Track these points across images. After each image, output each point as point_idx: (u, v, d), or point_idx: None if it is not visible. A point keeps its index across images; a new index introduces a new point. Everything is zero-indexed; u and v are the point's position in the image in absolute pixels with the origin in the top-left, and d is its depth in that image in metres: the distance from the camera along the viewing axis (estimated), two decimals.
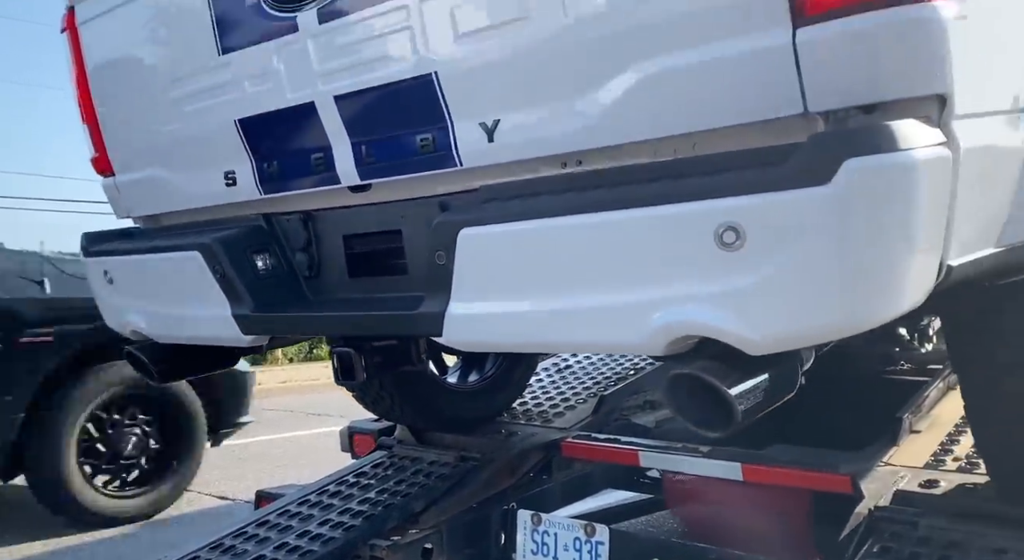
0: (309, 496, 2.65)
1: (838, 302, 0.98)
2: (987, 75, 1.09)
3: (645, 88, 1.13)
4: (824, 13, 0.98)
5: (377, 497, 2.56)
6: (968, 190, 1.03)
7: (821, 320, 1.00)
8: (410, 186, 1.49)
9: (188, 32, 1.66)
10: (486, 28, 1.27)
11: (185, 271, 1.71)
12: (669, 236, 1.05)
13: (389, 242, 1.58)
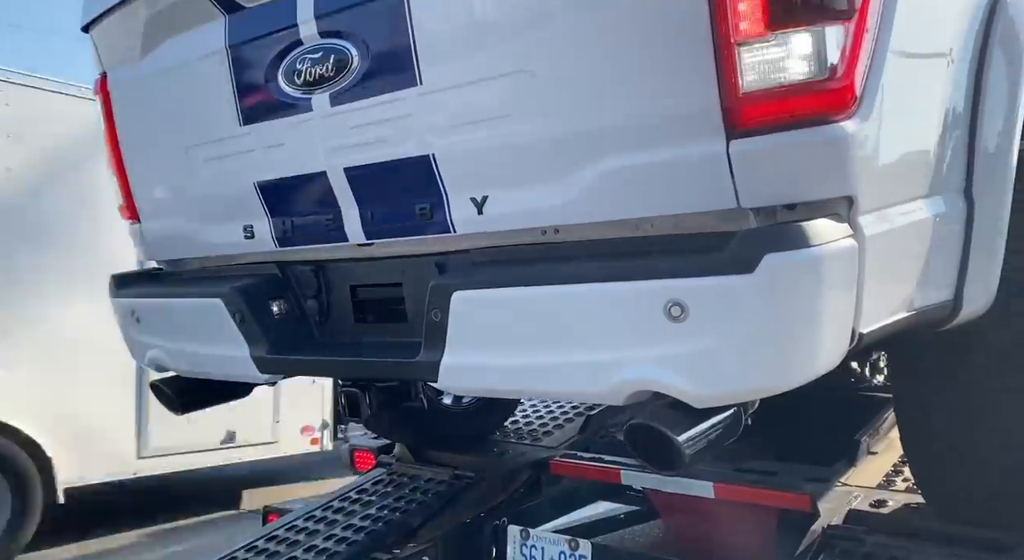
0: (315, 512, 2.86)
1: (764, 367, 1.19)
2: (888, 175, 1.30)
3: (608, 178, 1.33)
4: (751, 130, 1.18)
5: (378, 513, 2.76)
6: (874, 271, 1.23)
7: (750, 382, 1.22)
8: (410, 245, 1.69)
9: (212, 103, 1.85)
10: (477, 121, 1.47)
11: (207, 315, 1.91)
12: (627, 307, 1.26)
13: (391, 293, 1.78)
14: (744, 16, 1.16)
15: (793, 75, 1.17)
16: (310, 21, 1.63)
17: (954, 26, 1.50)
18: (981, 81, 1.54)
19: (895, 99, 1.27)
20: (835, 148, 1.18)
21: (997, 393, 1.64)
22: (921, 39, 1.39)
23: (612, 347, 1.29)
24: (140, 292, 2.19)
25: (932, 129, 1.43)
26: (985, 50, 1.55)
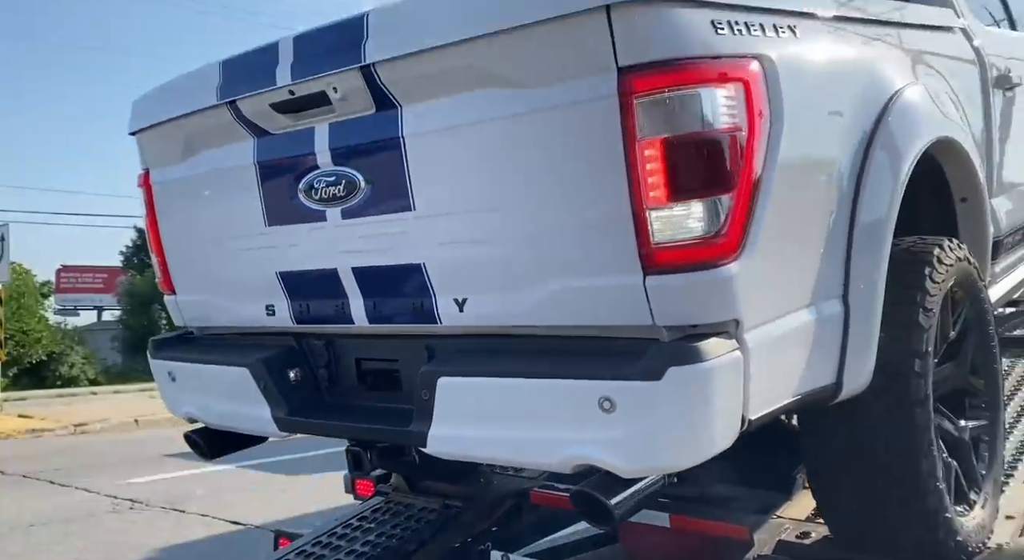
0: (321, 537, 3.23)
1: (673, 449, 1.58)
2: (769, 297, 1.68)
3: (556, 295, 1.71)
4: (661, 269, 1.57)
5: (376, 540, 3.13)
6: (759, 372, 1.61)
7: (663, 461, 1.60)
8: (405, 330, 2.08)
9: (242, 206, 2.23)
10: (458, 242, 1.85)
11: (236, 382, 2.29)
12: (571, 399, 1.64)
13: (389, 366, 2.16)
14: (653, 188, 1.55)
15: (690, 232, 1.56)
16: (325, 151, 2.01)
17: (834, 160, 1.89)
18: (857, 203, 1.93)
19: (775, 239, 1.66)
20: (722, 286, 1.57)
21: (879, 449, 2.03)
22: (801, 183, 1.77)
23: (560, 429, 1.67)
24: (175, 355, 2.57)
25: (812, 251, 1.82)
26: (862, 173, 1.95)
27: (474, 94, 1.76)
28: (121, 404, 15.27)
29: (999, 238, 2.89)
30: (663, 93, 1.53)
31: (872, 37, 2.27)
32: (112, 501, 6.87)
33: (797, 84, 1.76)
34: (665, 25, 1.55)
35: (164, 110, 2.38)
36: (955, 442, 2.31)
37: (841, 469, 2.14)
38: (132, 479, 7.84)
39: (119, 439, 11.32)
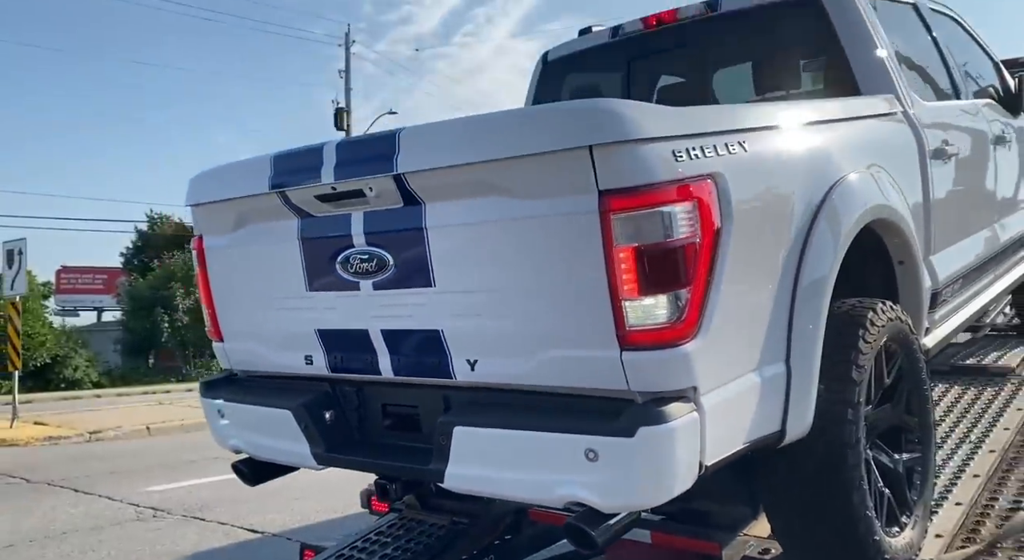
0: (343, 550, 3.63)
1: (643, 491, 1.98)
2: (721, 366, 2.08)
3: (549, 362, 2.11)
4: (634, 347, 1.97)
5: (393, 553, 3.54)
6: (713, 427, 2.02)
7: (635, 500, 2.01)
8: (425, 382, 2.47)
9: (286, 272, 2.62)
10: (469, 315, 2.25)
11: (279, 421, 2.68)
12: (562, 449, 2.04)
13: (411, 411, 2.56)
14: (626, 284, 1.95)
15: (656, 319, 1.96)
16: (360, 234, 2.41)
17: (780, 244, 2.31)
18: (799, 278, 2.34)
19: (726, 319, 2.06)
20: (682, 361, 1.97)
21: (817, 483, 2.44)
22: (748, 270, 2.18)
23: (554, 472, 2.07)
24: (223, 395, 2.96)
25: (758, 323, 2.23)
26: (804, 251, 2.37)
27: (486, 199, 2.16)
28: (130, 411, 15.61)
29: (937, 290, 3.31)
30: (634, 212, 1.94)
31: (819, 134, 2.69)
32: (135, 509, 7.25)
33: (746, 190, 2.17)
34: (635, 158, 1.95)
35: (219, 191, 2.80)
36: (890, 472, 2.73)
37: (787, 499, 2.56)
38: (151, 487, 8.23)
39: (133, 447, 11.65)
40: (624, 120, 1.95)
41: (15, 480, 9.05)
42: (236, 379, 3.06)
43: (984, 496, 3.11)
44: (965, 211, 3.82)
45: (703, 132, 2.12)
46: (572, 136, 1.97)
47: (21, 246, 12.55)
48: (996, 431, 3.66)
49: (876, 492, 2.58)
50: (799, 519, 2.55)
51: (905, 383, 2.82)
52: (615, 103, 2.04)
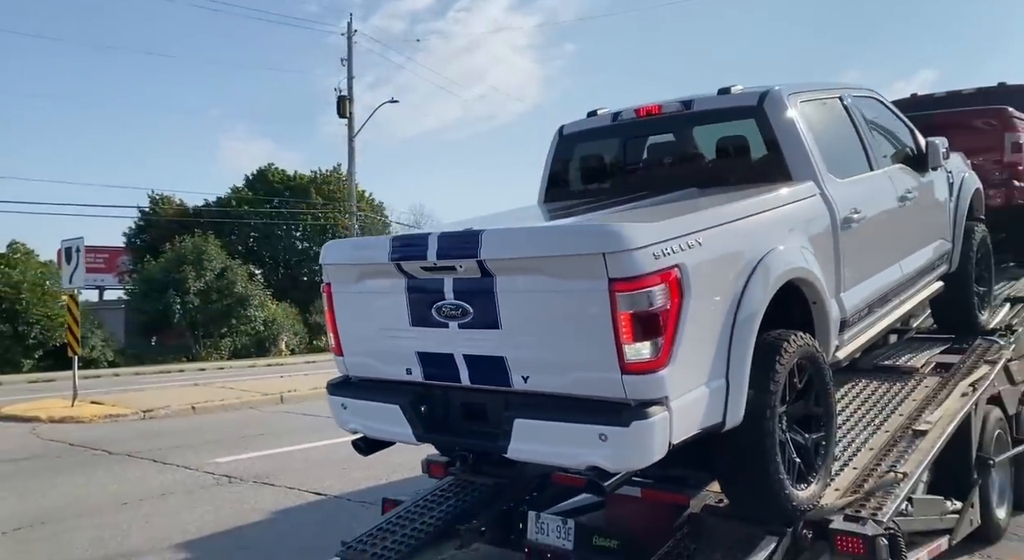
0: (418, 502, 4.96)
1: (634, 459, 3.23)
2: (683, 381, 3.27)
3: (575, 379, 3.33)
4: (630, 373, 3.18)
5: (456, 503, 4.86)
6: (678, 419, 3.25)
7: (629, 464, 3.27)
8: (491, 388, 3.71)
9: (394, 314, 3.83)
10: (522, 347, 3.48)
11: (391, 412, 3.92)
12: (583, 433, 3.26)
13: (482, 408, 3.78)
14: (624, 335, 3.16)
15: (643, 357, 3.17)
16: (450, 291, 3.63)
17: (723, 300, 3.53)
18: (736, 321, 3.56)
19: (686, 353, 3.28)
20: (658, 381, 3.21)
21: (746, 456, 3.71)
22: (701, 320, 3.40)
23: (579, 447, 3.30)
24: (345, 393, 4.19)
25: (707, 353, 3.45)
26: (740, 302, 3.57)
27: (536, 276, 3.40)
28: (172, 391, 16.81)
29: (845, 318, 4.56)
30: (630, 291, 3.19)
31: (754, 219, 3.94)
32: (212, 476, 8.48)
33: (701, 270, 3.42)
34: (630, 259, 3.17)
35: (349, 256, 4.07)
36: (801, 447, 4.00)
37: (728, 466, 3.86)
38: (217, 459, 9.40)
39: (184, 424, 12.76)
40: (623, 238, 3.20)
41: (99, 452, 10.19)
42: (352, 382, 4.30)
43: (872, 463, 4.43)
44: (870, 258, 4.91)
45: (672, 237, 3.35)
46: (592, 246, 3.24)
47: (78, 244, 13.78)
48: (893, 417, 4.98)
49: (790, 460, 3.87)
50: (735, 480, 3.88)
51: (814, 386, 4.09)
52: (620, 226, 3.29)
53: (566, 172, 5.49)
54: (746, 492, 3.87)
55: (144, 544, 6.18)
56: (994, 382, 5.70)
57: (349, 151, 36.49)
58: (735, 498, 4.01)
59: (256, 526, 6.65)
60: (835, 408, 4.29)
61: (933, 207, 6.03)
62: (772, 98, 4.53)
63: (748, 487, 3.82)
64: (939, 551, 4.73)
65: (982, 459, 5.43)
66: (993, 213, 7.90)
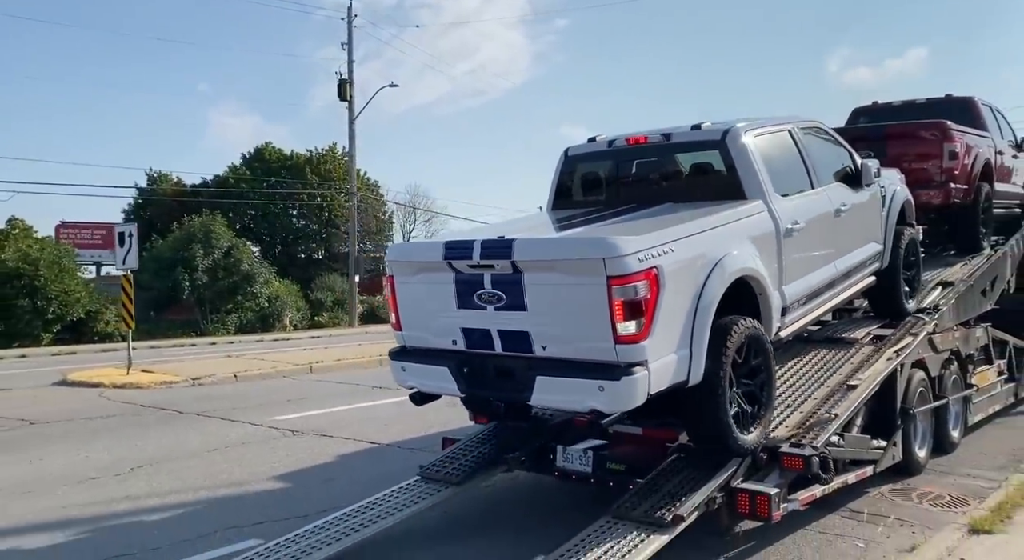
0: (472, 439, 6.40)
1: (623, 403, 4.32)
2: (658, 349, 4.27)
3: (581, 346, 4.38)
4: (622, 344, 4.19)
5: (500, 442, 6.25)
6: (655, 375, 4.24)
7: (620, 407, 4.49)
8: (518, 355, 4.79)
9: (444, 300, 4.78)
10: (543, 325, 4.62)
11: (440, 372, 4.94)
12: (587, 385, 4.28)
13: (511, 369, 4.68)
14: (617, 315, 4.13)
15: (630, 331, 4.14)
16: (489, 282, 4.54)
17: (689, 289, 4.53)
18: (698, 305, 4.55)
19: (661, 329, 4.25)
20: (640, 349, 4.17)
21: (704, 406, 4.84)
22: (673, 305, 4.34)
23: (584, 396, 4.30)
24: (404, 358, 5.23)
25: (676, 329, 4.41)
26: (702, 292, 4.59)
27: (553, 273, 4.34)
28: (207, 362, 18.00)
29: (786, 305, 5.59)
30: (622, 285, 4.12)
31: (716, 230, 4.92)
32: (277, 431, 9.62)
33: (673, 270, 4.35)
34: (622, 263, 4.10)
35: (408, 256, 5.16)
36: (747, 403, 5.00)
37: (691, 414, 5.00)
38: (275, 417, 10.54)
39: (231, 390, 13.85)
40: (618, 247, 4.20)
41: (170, 412, 11.29)
42: (408, 350, 5.30)
43: (814, 409, 5.94)
44: (807, 259, 5.98)
45: (652, 246, 4.33)
46: (596, 252, 4.24)
47: (131, 229, 15.13)
48: (834, 376, 6.47)
49: (737, 412, 4.91)
50: (695, 425, 5.04)
51: (759, 358, 5.14)
52: (616, 238, 4.26)
53: (570, 185, 6.59)
54: (703, 434, 5.04)
55: (247, 477, 7.42)
56: (917, 350, 7.16)
57: (350, 134, 37.11)
58: (696, 438, 5.19)
59: (330, 465, 7.75)
60: (775, 374, 5.40)
61: (866, 216, 7.09)
62: (732, 134, 5.65)
63: (705, 430, 4.98)
64: (864, 476, 6.20)
65: (905, 409, 6.92)
66: (936, 209, 9.46)
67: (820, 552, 5.18)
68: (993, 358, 9.92)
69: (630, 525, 4.65)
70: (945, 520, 5.72)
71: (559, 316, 4.51)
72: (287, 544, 5.00)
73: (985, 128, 10.27)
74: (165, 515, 6.25)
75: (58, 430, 10.12)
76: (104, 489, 7.16)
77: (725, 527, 5.28)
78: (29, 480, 7.56)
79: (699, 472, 5.06)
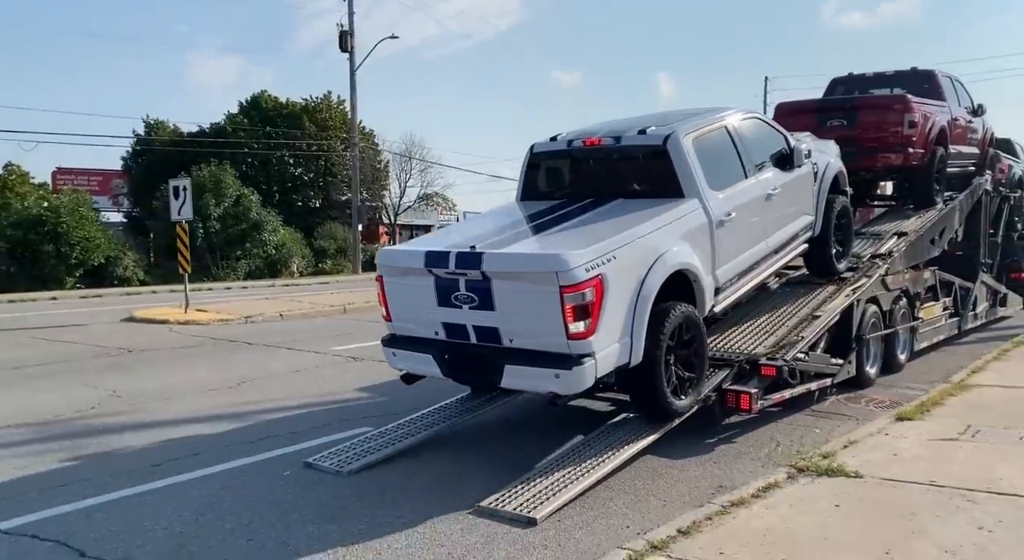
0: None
1: (574, 386, 5.26)
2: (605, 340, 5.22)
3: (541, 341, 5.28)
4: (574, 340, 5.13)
5: None
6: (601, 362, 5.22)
7: (572, 389, 5.32)
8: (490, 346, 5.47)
9: (426, 298, 5.63)
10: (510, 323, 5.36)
11: (426, 358, 5.82)
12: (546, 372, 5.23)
13: (483, 359, 5.53)
14: (569, 316, 5.03)
15: (579, 330, 5.04)
16: (463, 286, 5.41)
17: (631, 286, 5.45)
18: (638, 297, 5.48)
19: (606, 324, 5.18)
20: (588, 344, 5.08)
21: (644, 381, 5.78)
22: (616, 302, 5.26)
23: (543, 381, 5.26)
24: (394, 345, 6.07)
25: (619, 321, 5.34)
26: (642, 286, 5.51)
27: (515, 281, 5.17)
28: (250, 302, 19.61)
29: (719, 286, 6.55)
30: (572, 292, 4.96)
31: (654, 233, 5.73)
32: (340, 358, 11.09)
33: (616, 275, 5.21)
34: (572, 274, 4.95)
35: (396, 262, 5.91)
36: (682, 374, 5.97)
37: (634, 387, 5.95)
38: (334, 348, 12.07)
39: (280, 326, 15.26)
40: (568, 262, 4.96)
41: (240, 343, 12.80)
42: (397, 338, 6.09)
43: (786, 334, 7.71)
44: (739, 243, 6.76)
45: (597, 256, 5.09)
46: (550, 267, 5.02)
47: (185, 184, 16.68)
48: (803, 309, 8.16)
49: (674, 382, 5.87)
50: (638, 395, 6.02)
51: (693, 338, 6.04)
52: (567, 255, 4.99)
53: (535, 179, 7.38)
54: (644, 402, 6.05)
55: (336, 389, 8.97)
56: (871, 289, 8.96)
57: (351, 85, 37.63)
58: (638, 405, 6.15)
59: (397, 382, 9.58)
60: (707, 349, 6.35)
61: (799, 192, 7.98)
62: (673, 139, 6.44)
63: (645, 399, 6.00)
64: (824, 385, 7.95)
65: (859, 336, 8.74)
66: (897, 169, 11.19)
67: (788, 436, 6.98)
68: (939, 296, 11.79)
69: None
70: (883, 416, 7.59)
71: (522, 316, 5.30)
72: (393, 430, 6.72)
73: (943, 97, 11.93)
74: (285, 414, 7.93)
75: (157, 356, 11.80)
76: (226, 396, 8.89)
77: (717, 418, 7.07)
78: (164, 391, 9.19)
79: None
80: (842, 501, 4.94)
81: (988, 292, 14.01)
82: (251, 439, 6.96)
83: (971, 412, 7.33)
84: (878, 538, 4.33)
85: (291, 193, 43.96)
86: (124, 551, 4.51)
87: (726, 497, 5.05)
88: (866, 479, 5.37)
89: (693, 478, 5.76)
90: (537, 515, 4.86)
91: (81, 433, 7.30)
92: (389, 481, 5.73)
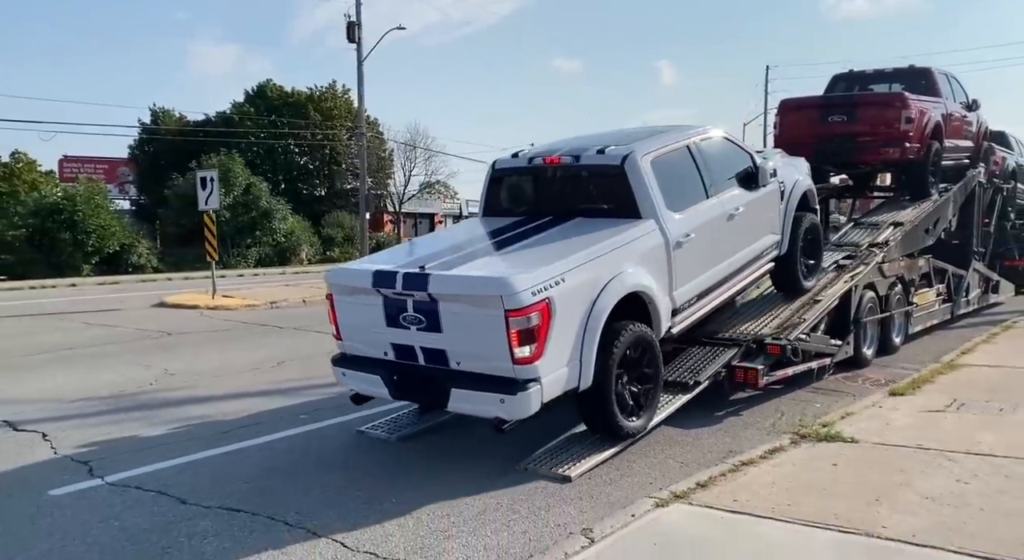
0: None
1: (519, 412, 5.08)
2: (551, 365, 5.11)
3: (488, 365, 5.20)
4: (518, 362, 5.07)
5: None
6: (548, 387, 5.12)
7: (517, 415, 5.11)
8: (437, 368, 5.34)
9: (375, 319, 5.52)
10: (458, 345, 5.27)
11: (374, 379, 5.71)
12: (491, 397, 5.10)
13: (432, 378, 5.41)
14: (514, 341, 4.92)
15: (525, 354, 4.93)
16: (411, 306, 5.29)
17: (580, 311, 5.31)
18: (588, 322, 5.32)
19: (553, 349, 5.06)
20: (534, 369, 4.97)
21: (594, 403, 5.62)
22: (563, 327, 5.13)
23: (488, 405, 5.11)
24: (344, 365, 5.93)
25: (566, 347, 5.19)
26: (591, 311, 5.34)
27: (462, 304, 5.06)
28: (272, 289, 20.35)
29: (677, 308, 6.39)
30: (518, 316, 4.84)
31: (608, 253, 5.59)
32: None
33: (565, 298, 5.09)
34: (518, 298, 4.84)
35: (344, 280, 5.80)
36: (635, 395, 5.82)
37: (586, 409, 5.70)
38: None
39: (306, 311, 15.79)
40: (513, 286, 4.83)
41: (270, 327, 13.41)
42: (348, 357, 5.97)
43: (789, 316, 8.38)
44: (698, 264, 6.59)
45: (545, 279, 4.99)
46: (496, 290, 4.89)
47: (212, 174, 17.36)
48: None
49: (626, 404, 5.72)
50: (590, 417, 5.81)
51: (646, 357, 5.86)
52: (513, 279, 4.87)
53: (497, 195, 7.27)
54: (595, 423, 5.84)
55: None
56: (869, 276, 9.63)
57: (358, 76, 37.48)
58: (591, 427, 5.91)
59: None
60: (661, 368, 6.15)
61: (764, 212, 7.80)
62: (630, 160, 6.29)
63: (596, 421, 5.82)
64: (824, 364, 8.59)
65: (857, 319, 9.40)
66: (895, 163, 11.84)
67: (791, 409, 7.66)
68: (933, 283, 12.48)
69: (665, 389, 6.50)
70: (877, 392, 8.30)
71: (469, 338, 5.21)
72: None
73: (939, 94, 12.55)
74: (328, 391, 8.53)
75: (196, 339, 12.52)
76: (270, 374, 9.59)
77: (727, 392, 7.76)
78: (212, 370, 9.87)
79: (708, 357, 7.34)
80: (839, 461, 5.61)
81: (980, 279, 14.69)
82: (303, 412, 7.64)
83: (958, 388, 8.02)
84: (869, 488, 5.02)
85: (297, 182, 44.50)
86: (218, 499, 5.20)
87: (737, 458, 5.71)
88: (861, 443, 6.04)
89: (706, 445, 6.41)
90: (572, 474, 5.44)
91: (149, 405, 8.03)
92: (437, 446, 6.42)
